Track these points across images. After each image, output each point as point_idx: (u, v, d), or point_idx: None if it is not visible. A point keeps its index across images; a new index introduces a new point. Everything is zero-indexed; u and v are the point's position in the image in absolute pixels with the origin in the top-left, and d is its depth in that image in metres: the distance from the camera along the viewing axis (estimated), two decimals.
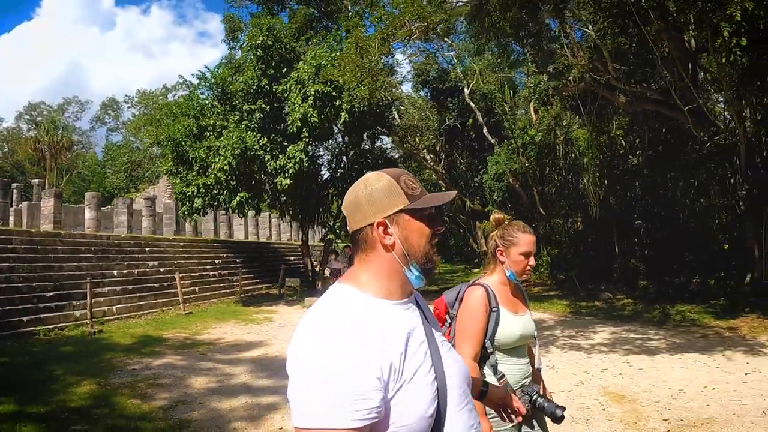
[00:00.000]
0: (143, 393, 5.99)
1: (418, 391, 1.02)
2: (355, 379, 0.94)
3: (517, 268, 2.15)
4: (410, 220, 1.12)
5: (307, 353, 0.96)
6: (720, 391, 5.63)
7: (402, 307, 1.12)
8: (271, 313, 13.00)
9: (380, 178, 1.14)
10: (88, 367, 7.10)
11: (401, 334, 1.05)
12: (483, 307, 2.08)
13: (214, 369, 7.17)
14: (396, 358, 1.01)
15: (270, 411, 5.38)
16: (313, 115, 12.34)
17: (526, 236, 2.16)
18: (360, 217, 1.12)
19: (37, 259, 10.94)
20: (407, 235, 1.12)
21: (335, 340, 0.96)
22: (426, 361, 1.07)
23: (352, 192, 1.16)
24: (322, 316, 1.02)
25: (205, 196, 13.22)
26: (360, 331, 0.99)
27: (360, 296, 1.08)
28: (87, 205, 19.05)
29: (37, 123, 38.07)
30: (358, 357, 0.95)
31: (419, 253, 1.12)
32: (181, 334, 9.83)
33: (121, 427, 4.97)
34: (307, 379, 0.94)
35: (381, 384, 0.97)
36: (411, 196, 1.12)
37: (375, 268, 1.12)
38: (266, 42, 13.14)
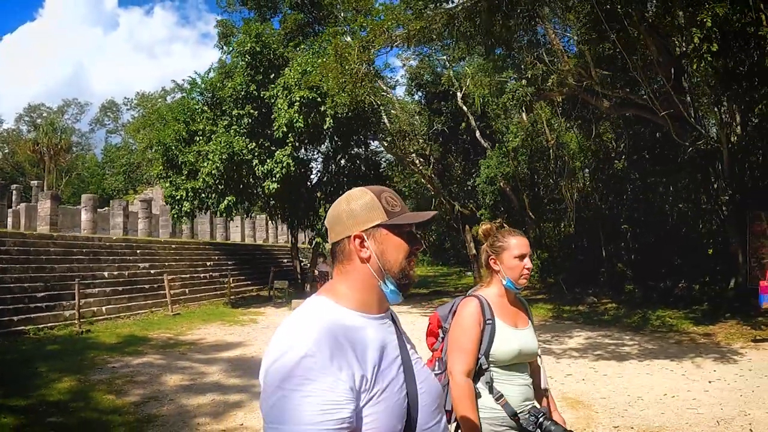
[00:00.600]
0: (119, 389, 6.44)
1: (388, 406, 1.03)
2: (327, 389, 0.95)
3: (513, 274, 2.06)
4: (387, 235, 1.15)
5: (280, 363, 0.97)
6: (679, 399, 5.68)
7: (377, 322, 1.14)
8: (257, 314, 13.45)
9: (362, 193, 1.17)
10: (70, 365, 7.55)
11: (375, 347, 1.07)
12: (476, 319, 2.00)
13: (190, 368, 7.61)
14: (368, 370, 1.03)
15: (234, 408, 5.79)
16: (299, 120, 12.80)
17: (516, 239, 2.10)
18: (339, 229, 1.15)
19: (29, 260, 11.44)
20: (384, 250, 1.14)
21: (309, 351, 0.97)
22: (398, 376, 1.09)
23: (335, 205, 1.19)
24: (297, 327, 1.04)
25: (193, 199, 13.71)
26: (334, 343, 1.01)
27: (336, 308, 1.10)
28: (83, 207, 19.57)
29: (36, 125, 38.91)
30: (331, 367, 0.97)
31: (395, 268, 1.15)
32: (165, 335, 10.29)
33: (93, 420, 5.40)
34: (278, 387, 0.96)
35: (353, 394, 0.98)
36: (389, 212, 1.15)
37: (352, 281, 1.14)
38: (254, 48, 13.62)
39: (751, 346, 8.66)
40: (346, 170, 15.54)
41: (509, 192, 20.00)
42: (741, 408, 5.33)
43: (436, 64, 23.38)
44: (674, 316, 11.66)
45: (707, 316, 11.26)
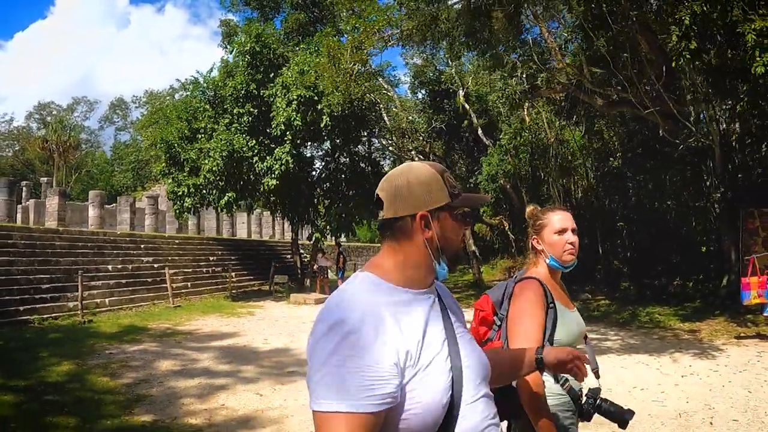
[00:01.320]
0: (113, 372, 6.90)
1: (432, 380, 1.04)
2: (373, 364, 0.96)
3: (556, 251, 1.98)
4: (448, 217, 1.15)
5: (326, 339, 0.98)
6: (647, 392, 5.82)
7: (422, 297, 1.14)
8: (255, 308, 13.92)
9: (426, 169, 1.16)
10: (70, 351, 8.04)
11: (419, 322, 1.08)
12: (540, 302, 1.89)
13: (183, 355, 8.07)
14: (413, 345, 1.03)
15: (219, 390, 6.21)
16: (297, 118, 13.23)
17: (555, 213, 2.03)
18: (400, 205, 1.13)
19: (36, 253, 12.01)
20: (445, 231, 1.15)
21: (353, 327, 0.98)
22: (443, 350, 1.09)
23: (393, 178, 1.17)
24: (342, 303, 1.05)
25: (195, 195, 14.22)
26: (378, 318, 1.02)
27: (381, 284, 1.10)
28: (91, 204, 20.24)
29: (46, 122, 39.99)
30: (376, 342, 0.98)
31: (452, 250, 1.17)
32: (164, 325, 10.78)
33: (87, 398, 5.86)
34: (324, 364, 0.97)
35: (397, 370, 0.99)
36: (453, 194, 1.16)
37: (403, 258, 1.14)
38: (254, 48, 14.08)
39: (733, 342, 8.85)
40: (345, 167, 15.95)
41: (509, 189, 20.31)
42: (706, 402, 5.49)
43: (439, 61, 23.77)
44: (664, 312, 11.88)
45: (697, 313, 11.46)
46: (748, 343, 8.76)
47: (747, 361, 7.44)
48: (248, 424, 5.07)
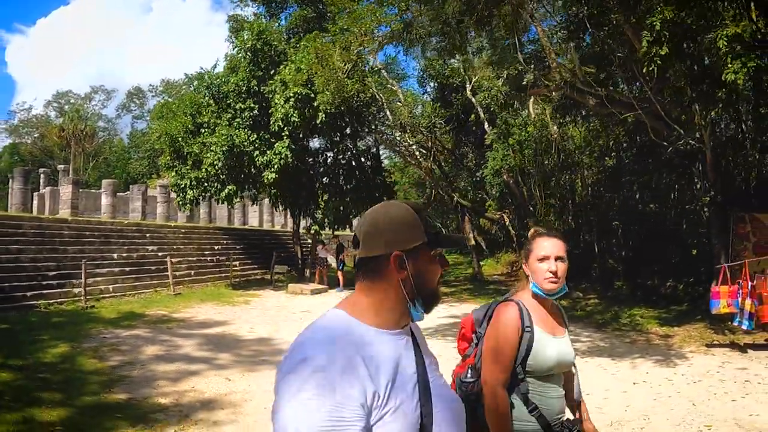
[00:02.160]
0: (102, 355, 7.67)
1: (400, 425, 1.03)
2: (338, 405, 0.96)
3: (537, 278, 2.01)
4: (426, 257, 1.16)
5: (293, 375, 0.99)
6: (591, 398, 5.86)
7: (395, 338, 1.14)
8: (253, 297, 14.68)
9: (402, 209, 1.17)
10: (68, 334, 8.85)
11: (389, 364, 1.07)
12: (514, 326, 1.94)
13: (169, 341, 8.81)
14: (381, 387, 1.03)
15: (192, 375, 6.90)
16: (294, 115, 13.85)
17: (541, 239, 2.06)
18: (376, 244, 1.14)
19: (44, 242, 12.92)
20: (420, 272, 1.15)
21: (320, 365, 0.98)
22: (413, 395, 1.08)
23: (371, 217, 1.18)
24: (312, 340, 1.05)
25: (197, 188, 15.00)
26: (347, 358, 1.01)
27: (353, 323, 1.10)
28: (104, 192, 21.28)
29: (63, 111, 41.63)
30: (342, 382, 0.98)
31: (428, 291, 1.16)
32: (160, 312, 11.58)
33: (75, 377, 6.61)
34: (289, 401, 0.97)
35: (364, 411, 0.99)
36: (429, 233, 1.16)
37: (378, 298, 1.14)
38: (256, 45, 14.71)
39: (702, 350, 8.76)
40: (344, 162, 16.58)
41: (512, 184, 20.64)
42: (645, 412, 5.53)
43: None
44: (646, 315, 11.98)
45: (679, 317, 11.34)
46: (717, 352, 8.66)
47: (707, 371, 7.32)
48: (209, 406, 5.73)
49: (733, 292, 8.75)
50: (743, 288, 8.62)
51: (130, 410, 5.49)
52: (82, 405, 5.60)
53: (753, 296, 8.50)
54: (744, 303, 8.54)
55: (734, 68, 8.40)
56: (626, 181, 15.91)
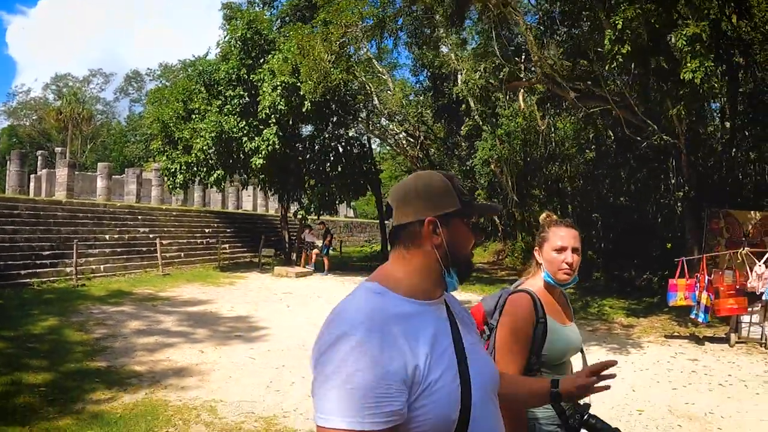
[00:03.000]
0: (88, 328, 8.38)
1: (442, 396, 1.04)
2: (379, 380, 0.96)
3: (551, 267, 2.03)
4: (459, 224, 1.16)
5: (331, 353, 0.99)
6: None
7: (431, 308, 1.14)
8: (239, 278, 15.39)
9: (435, 176, 1.19)
10: (58, 310, 9.57)
11: (427, 336, 1.07)
12: (528, 317, 1.95)
13: (152, 317, 9.52)
14: (421, 360, 1.03)
15: (168, 347, 7.59)
16: (281, 103, 14.44)
17: (558, 229, 2.07)
18: (410, 210, 1.15)
19: (39, 223, 13.61)
20: (454, 239, 1.15)
21: (359, 341, 0.98)
22: (452, 364, 1.09)
23: (403, 185, 1.19)
24: (349, 315, 1.04)
25: (186, 172, 15.65)
26: (385, 332, 1.01)
27: (388, 295, 1.11)
28: (99, 175, 21.97)
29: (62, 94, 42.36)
30: (383, 357, 0.98)
31: (462, 258, 1.17)
32: (147, 291, 12.29)
33: (60, 347, 7.31)
34: (329, 378, 0.97)
35: (405, 386, 0.99)
36: (463, 201, 1.17)
37: (413, 267, 1.15)
38: (246, 34, 15.26)
39: (660, 341, 9.19)
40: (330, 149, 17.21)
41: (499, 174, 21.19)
42: None
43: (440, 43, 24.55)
44: (616, 306, 12.35)
45: (647, 309, 11.75)
46: (674, 343, 9.03)
47: (657, 360, 7.61)
48: (180, 374, 6.41)
49: (690, 286, 9.19)
50: (700, 282, 9.02)
51: (108, 376, 6.19)
52: (66, 371, 6.30)
53: (709, 290, 8.87)
54: (701, 296, 8.94)
55: (692, 67, 8.95)
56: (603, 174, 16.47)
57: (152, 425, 4.74)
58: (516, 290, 2.06)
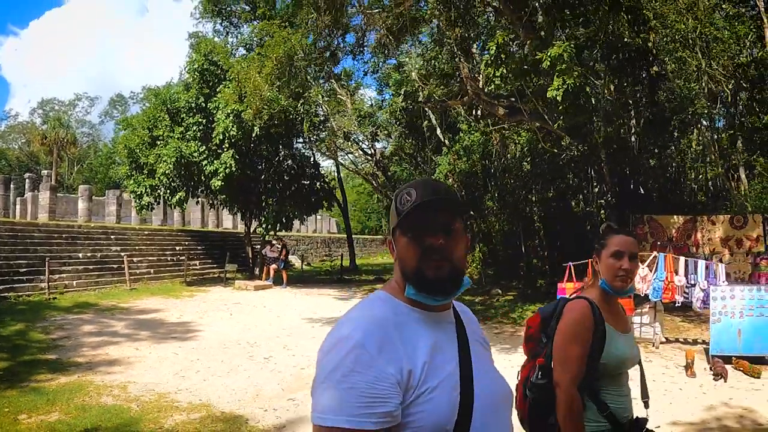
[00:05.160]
0: (48, 331, 10.44)
1: (437, 404, 1.11)
2: (374, 381, 1.05)
3: (607, 274, 2.09)
4: (400, 237, 1.22)
5: (332, 353, 1.10)
6: None
7: (435, 318, 1.22)
8: (201, 292, 17.44)
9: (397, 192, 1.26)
10: (27, 318, 11.64)
11: (427, 344, 1.16)
12: (587, 324, 1.99)
13: (106, 323, 11.58)
14: (418, 366, 1.12)
15: (111, 345, 9.60)
16: (232, 129, 16.61)
17: (616, 236, 2.12)
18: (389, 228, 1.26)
19: (17, 243, 15.76)
20: (400, 252, 1.23)
21: (358, 343, 1.09)
22: (452, 375, 1.16)
23: None
24: (353, 320, 1.16)
25: (151, 194, 17.82)
26: (384, 336, 1.11)
27: (391, 301, 1.21)
28: (80, 197, 24.23)
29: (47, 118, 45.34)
30: (379, 360, 1.08)
31: (409, 271, 1.20)
32: (111, 302, 14.36)
33: (21, 345, 9.35)
34: (327, 378, 1.08)
35: (399, 389, 1.08)
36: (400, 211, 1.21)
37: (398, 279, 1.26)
38: (203, 65, 17.49)
39: None
40: (283, 169, 19.40)
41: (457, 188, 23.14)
42: None
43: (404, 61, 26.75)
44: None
45: None
46: None
47: None
48: (111, 364, 8.37)
49: (577, 289, 11.05)
50: None
51: (53, 365, 8.21)
52: (21, 361, 8.35)
53: None
54: None
55: (556, 85, 10.86)
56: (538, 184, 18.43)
57: (73, 396, 6.70)
58: (573, 297, 2.14)
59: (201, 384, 7.31)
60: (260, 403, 6.47)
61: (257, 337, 10.42)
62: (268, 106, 14.86)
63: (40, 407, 6.10)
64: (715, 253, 13.04)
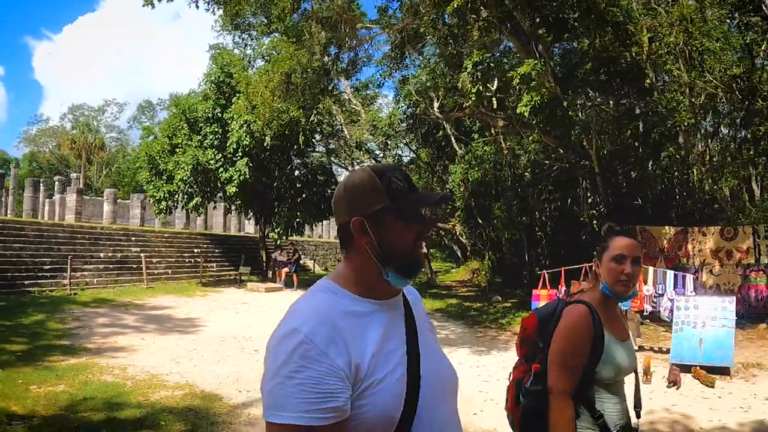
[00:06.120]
0: (64, 321, 11.63)
1: (384, 395, 1.14)
2: (322, 377, 1.07)
3: (609, 278, 2.06)
4: (390, 221, 1.20)
5: (279, 348, 1.11)
6: None
7: (382, 307, 1.23)
8: (214, 292, 18.58)
9: (362, 173, 1.25)
10: (48, 310, 12.86)
11: (376, 335, 1.18)
12: (586, 329, 1.98)
13: (118, 316, 12.73)
14: (366, 359, 1.14)
15: (119, 335, 10.68)
16: (245, 139, 17.79)
17: (618, 239, 2.09)
18: (340, 212, 1.24)
19: (42, 242, 17.18)
20: (385, 237, 1.20)
21: (305, 337, 1.09)
22: (399, 365, 1.19)
23: (339, 186, 1.28)
24: (298, 312, 1.17)
25: (169, 199, 19.13)
26: (331, 330, 1.12)
27: (339, 293, 1.22)
28: (106, 200, 25.80)
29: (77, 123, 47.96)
30: (327, 355, 1.09)
31: (397, 255, 1.20)
32: (126, 299, 15.57)
33: (39, 332, 10.52)
34: (275, 374, 1.09)
35: (347, 384, 1.10)
36: (394, 195, 1.21)
37: (354, 266, 1.24)
38: (219, 78, 18.77)
39: None
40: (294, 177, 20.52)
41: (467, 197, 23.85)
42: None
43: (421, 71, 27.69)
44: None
45: None
46: None
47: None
48: (117, 350, 9.45)
49: (551, 296, 10.93)
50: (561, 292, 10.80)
51: (65, 349, 9.31)
52: (38, 345, 9.48)
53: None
54: None
55: (525, 102, 11.60)
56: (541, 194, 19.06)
57: (78, 373, 7.74)
58: (572, 301, 2.11)
59: (191, 369, 8.30)
60: (237, 385, 7.40)
61: (254, 333, 11.40)
62: (278, 117, 15.95)
63: (48, 381, 7.15)
64: (705, 265, 13.52)
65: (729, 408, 6.68)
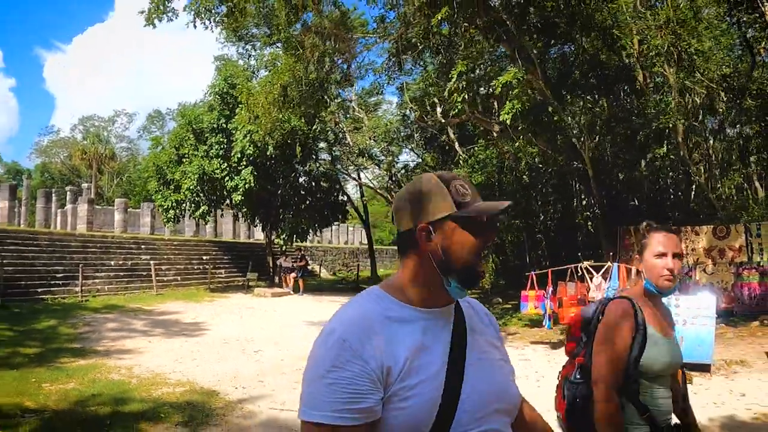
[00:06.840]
0: (76, 326, 12.25)
1: (416, 403, 1.13)
2: (353, 377, 1.09)
3: (651, 274, 2.10)
4: (456, 229, 1.19)
5: (318, 346, 1.15)
6: None
7: (428, 316, 1.22)
8: (222, 298, 19.18)
9: (429, 180, 1.23)
10: (59, 316, 13.53)
11: (413, 342, 1.16)
12: (628, 324, 2.03)
13: (127, 321, 13.35)
14: (398, 364, 1.13)
15: (127, 338, 11.26)
16: (249, 148, 18.42)
17: (660, 234, 2.13)
18: (404, 218, 1.23)
19: (55, 251, 17.91)
20: (451, 244, 1.19)
21: (342, 338, 1.12)
22: (437, 375, 1.16)
23: (402, 192, 1.28)
24: (343, 315, 1.19)
25: (177, 208, 19.81)
26: (368, 332, 1.14)
27: (384, 298, 1.23)
28: (116, 209, 26.60)
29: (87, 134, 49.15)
30: (360, 355, 1.10)
31: (460, 264, 1.18)
32: (136, 305, 16.22)
33: (51, 336, 11.15)
34: (311, 373, 1.13)
35: (379, 386, 1.11)
36: (459, 202, 1.19)
37: (411, 273, 1.23)
38: (223, 89, 19.45)
39: (521, 346, 10.91)
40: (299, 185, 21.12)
41: None
42: None
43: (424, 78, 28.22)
44: (525, 317, 14.10)
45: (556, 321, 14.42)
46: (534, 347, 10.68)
47: None
48: (125, 352, 10.03)
49: (539, 297, 11.29)
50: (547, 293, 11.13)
51: (76, 351, 9.92)
52: (49, 348, 10.10)
53: (553, 300, 11.11)
54: (547, 306, 11.12)
55: (507, 109, 12.04)
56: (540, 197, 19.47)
57: (88, 373, 8.32)
58: (616, 297, 2.17)
59: (193, 368, 8.84)
60: (235, 383, 7.92)
61: (256, 335, 11.94)
62: (280, 127, 16.54)
63: (60, 379, 7.73)
64: (698, 263, 13.83)
65: (702, 404, 6.79)
